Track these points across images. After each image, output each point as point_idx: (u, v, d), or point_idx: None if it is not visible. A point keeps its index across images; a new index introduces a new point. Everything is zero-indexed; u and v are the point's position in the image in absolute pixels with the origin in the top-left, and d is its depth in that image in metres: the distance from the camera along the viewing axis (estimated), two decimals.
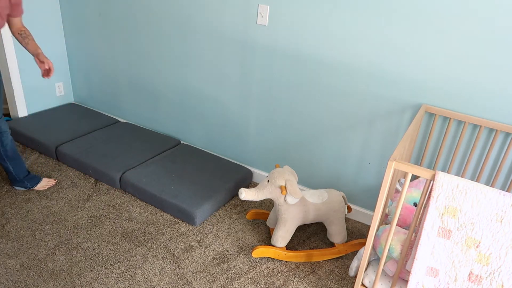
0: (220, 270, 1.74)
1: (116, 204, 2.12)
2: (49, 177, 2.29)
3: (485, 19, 1.52)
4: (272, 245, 1.84)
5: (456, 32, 1.59)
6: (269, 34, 2.02)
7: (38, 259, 1.72)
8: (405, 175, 1.78)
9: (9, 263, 1.68)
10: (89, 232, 1.90)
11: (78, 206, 2.07)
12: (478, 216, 1.18)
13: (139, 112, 2.78)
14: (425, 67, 1.69)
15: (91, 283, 1.62)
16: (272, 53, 2.05)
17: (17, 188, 2.13)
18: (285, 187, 1.68)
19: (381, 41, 1.74)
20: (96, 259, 1.74)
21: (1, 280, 1.60)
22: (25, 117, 2.75)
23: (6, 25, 2.54)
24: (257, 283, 1.69)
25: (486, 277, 1.22)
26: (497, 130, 1.63)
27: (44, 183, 2.16)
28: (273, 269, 1.78)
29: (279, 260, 1.83)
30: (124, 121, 2.89)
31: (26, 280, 1.61)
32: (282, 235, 1.80)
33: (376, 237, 1.48)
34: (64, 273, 1.66)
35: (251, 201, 2.24)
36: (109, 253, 1.78)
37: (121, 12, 2.52)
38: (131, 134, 2.65)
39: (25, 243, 1.80)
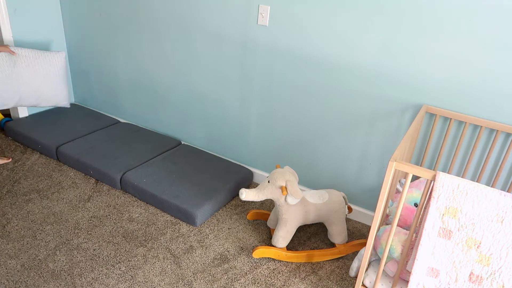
0: (220, 270, 1.74)
1: (117, 204, 2.12)
2: (50, 177, 2.29)
3: (485, 20, 1.52)
4: (273, 246, 1.84)
5: (457, 33, 1.59)
6: (270, 34, 2.02)
7: (39, 259, 1.72)
8: (405, 175, 1.78)
9: (10, 264, 1.69)
10: (89, 232, 1.90)
11: (79, 207, 2.07)
12: (479, 217, 1.18)
13: (140, 113, 2.78)
14: (426, 68, 1.70)
15: (91, 284, 1.62)
16: (272, 53, 2.05)
17: None
18: (286, 188, 1.68)
19: (382, 41, 1.75)
20: (97, 259, 1.74)
21: (2, 280, 1.61)
22: (26, 117, 2.76)
23: (6, 23, 2.54)
24: (257, 283, 1.69)
25: (487, 278, 1.22)
26: (497, 130, 1.63)
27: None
28: (273, 269, 1.78)
29: (280, 261, 1.83)
30: (125, 121, 2.89)
31: (27, 281, 1.61)
32: (283, 236, 1.80)
33: (377, 237, 1.48)
34: (64, 274, 1.66)
35: (252, 202, 2.24)
36: (110, 254, 1.78)
37: (122, 12, 2.52)
38: (131, 134, 2.65)
39: (25, 243, 1.80)
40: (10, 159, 2.35)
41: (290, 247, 1.91)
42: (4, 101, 2.40)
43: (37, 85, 2.51)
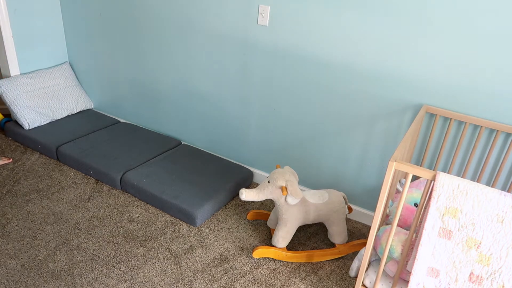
0: (220, 270, 1.74)
1: (117, 204, 2.12)
2: (50, 177, 2.29)
3: (486, 20, 1.52)
4: (273, 246, 1.84)
5: (457, 33, 1.59)
6: (270, 34, 2.02)
7: (39, 259, 1.72)
8: (405, 175, 1.78)
9: (10, 264, 1.69)
10: (89, 232, 1.90)
11: (79, 207, 2.07)
12: (479, 217, 1.18)
13: (140, 113, 2.78)
14: (426, 68, 1.70)
15: (91, 284, 1.62)
16: (272, 53, 2.05)
17: None
18: (286, 188, 1.68)
19: (382, 41, 1.75)
20: (97, 259, 1.74)
21: (2, 280, 1.61)
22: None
23: (6, 23, 2.54)
24: (257, 283, 1.69)
25: (487, 278, 1.22)
26: (497, 130, 1.63)
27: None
28: (273, 269, 1.78)
29: (280, 261, 1.83)
30: (125, 121, 2.89)
31: (27, 281, 1.61)
32: (283, 236, 1.80)
33: (377, 237, 1.48)
34: (65, 274, 1.66)
35: (252, 202, 2.24)
36: (110, 254, 1.78)
37: (122, 13, 2.52)
38: (132, 134, 2.65)
39: (25, 243, 1.80)
40: (11, 160, 2.34)
41: (290, 247, 1.91)
42: (42, 117, 2.61)
43: (59, 96, 2.76)
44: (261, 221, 2.09)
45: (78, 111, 2.90)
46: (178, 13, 2.29)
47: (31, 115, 2.61)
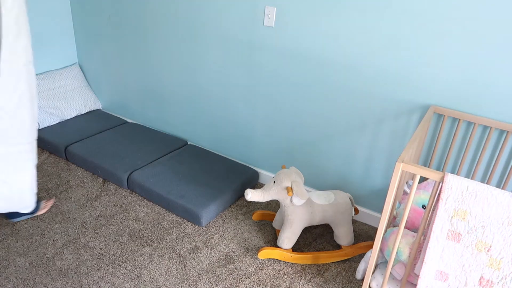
0: (225, 271, 1.74)
1: (124, 204, 2.13)
2: (59, 176, 2.32)
3: (494, 20, 1.49)
4: (278, 247, 1.83)
5: (465, 33, 1.56)
6: (276, 35, 2.02)
7: (47, 257, 1.74)
8: (413, 176, 1.75)
9: (19, 261, 1.71)
10: (96, 231, 1.92)
11: (86, 206, 2.09)
12: (489, 219, 1.15)
13: (147, 113, 2.80)
14: (434, 68, 1.67)
15: (98, 282, 1.63)
16: (279, 54, 2.05)
17: (16, 220, 1.90)
18: (292, 188, 1.67)
19: (389, 41, 1.73)
20: (103, 258, 1.76)
21: (11, 278, 1.63)
22: None
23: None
24: (262, 284, 1.68)
25: (498, 282, 1.19)
26: (508, 131, 1.59)
27: (43, 205, 1.99)
28: (279, 270, 1.77)
29: (285, 262, 1.82)
30: (132, 121, 2.91)
31: (35, 278, 1.63)
32: (288, 237, 1.79)
33: (384, 239, 1.46)
34: (71, 272, 1.67)
35: (257, 202, 2.24)
36: (116, 253, 1.79)
37: (130, 15, 2.55)
38: (139, 134, 2.67)
39: (34, 241, 1.82)
40: (53, 200, 2.07)
41: (296, 248, 1.90)
42: (52, 117, 2.65)
43: (68, 97, 2.80)
44: (267, 221, 2.09)
45: (86, 111, 2.94)
46: (185, 14, 2.30)
47: (41, 115, 2.64)
